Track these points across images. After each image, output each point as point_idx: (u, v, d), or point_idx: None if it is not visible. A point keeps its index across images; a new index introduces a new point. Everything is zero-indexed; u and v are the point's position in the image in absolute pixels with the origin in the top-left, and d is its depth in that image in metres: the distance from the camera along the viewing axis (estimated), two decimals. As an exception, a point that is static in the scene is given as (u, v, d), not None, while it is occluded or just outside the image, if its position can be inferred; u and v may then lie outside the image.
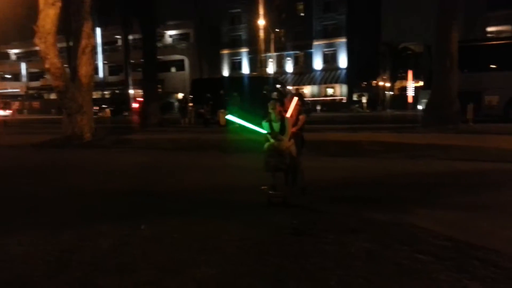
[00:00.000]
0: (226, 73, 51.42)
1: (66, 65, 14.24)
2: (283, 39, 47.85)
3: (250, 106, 16.73)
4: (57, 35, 12.32)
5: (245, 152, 9.48)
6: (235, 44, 51.38)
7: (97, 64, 47.95)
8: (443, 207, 4.96)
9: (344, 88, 46.37)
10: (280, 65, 48.79)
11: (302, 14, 47.67)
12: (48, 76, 16.34)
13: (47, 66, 12.18)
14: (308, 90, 46.13)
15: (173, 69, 53.92)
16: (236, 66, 51.93)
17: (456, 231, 3.96)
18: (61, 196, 6.05)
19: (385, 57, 44.09)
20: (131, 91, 40.17)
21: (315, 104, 39.82)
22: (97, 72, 47.07)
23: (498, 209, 4.82)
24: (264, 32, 35.05)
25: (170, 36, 55.28)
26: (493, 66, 17.36)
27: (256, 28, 41.71)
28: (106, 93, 51.65)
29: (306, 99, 33.15)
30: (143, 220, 4.53)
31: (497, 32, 36.77)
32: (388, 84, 45.44)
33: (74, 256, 3.53)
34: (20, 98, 55.76)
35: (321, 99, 45.61)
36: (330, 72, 45.91)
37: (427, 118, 15.20)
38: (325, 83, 46.30)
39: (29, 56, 58.54)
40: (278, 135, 5.05)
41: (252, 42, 47.77)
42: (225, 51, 52.16)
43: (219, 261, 3.35)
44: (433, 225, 4.15)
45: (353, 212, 4.75)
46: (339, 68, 45.79)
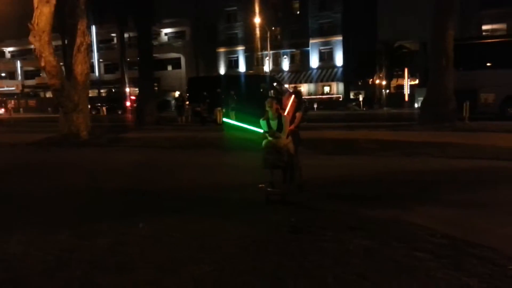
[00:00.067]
0: (222, 71, 51.27)
1: (61, 63, 14.17)
2: (279, 37, 47.83)
3: (246, 104, 16.76)
4: (52, 33, 12.25)
5: (242, 150, 9.49)
6: (231, 42, 51.24)
7: (92, 62, 47.68)
8: (440, 204, 4.99)
9: (341, 86, 46.43)
10: (277, 63, 48.73)
11: (298, 12, 47.71)
12: (43, 74, 16.25)
13: (43, 64, 12.11)
14: (304, 88, 46.12)
15: (170, 67, 53.76)
16: (232, 64, 51.82)
17: (453, 229, 3.99)
18: (58, 195, 6.04)
19: (381, 55, 44.13)
20: (127, 89, 40.03)
21: (312, 102, 39.83)
22: (92, 70, 46.73)
23: (495, 206, 4.85)
24: (260, 30, 35.09)
25: (165, 34, 55.07)
26: (488, 64, 17.43)
27: (252, 26, 41.79)
28: (102, 91, 51.46)
29: (303, 97, 33.11)
30: (140, 218, 4.53)
31: (492, 30, 36.96)
32: (384, 82, 45.51)
33: (73, 255, 3.53)
34: (16, 97, 55.44)
35: (318, 97, 45.65)
36: (327, 70, 45.94)
37: (424, 116, 15.27)
38: (321, 81, 46.32)
39: (24, 54, 58.06)
40: (275, 133, 5.06)
41: (248, 40, 47.79)
42: (222, 49, 52.01)
43: (217, 259, 3.36)
44: (431, 223, 4.17)
45: (350, 209, 4.77)
46: (335, 66, 45.84)
